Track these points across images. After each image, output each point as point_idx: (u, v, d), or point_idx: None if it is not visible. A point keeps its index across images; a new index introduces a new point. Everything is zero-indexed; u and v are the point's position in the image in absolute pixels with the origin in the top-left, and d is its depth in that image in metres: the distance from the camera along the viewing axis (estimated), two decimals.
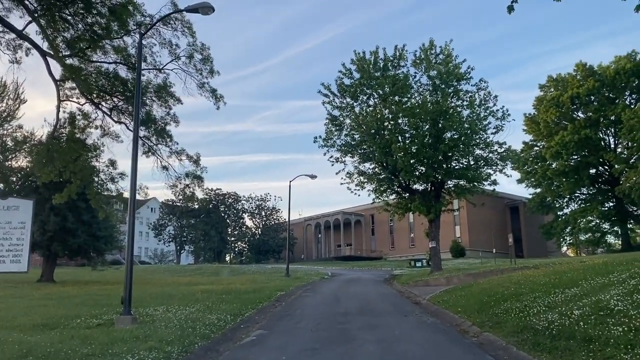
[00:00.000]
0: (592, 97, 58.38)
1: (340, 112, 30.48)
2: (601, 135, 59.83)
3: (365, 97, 29.86)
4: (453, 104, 28.20)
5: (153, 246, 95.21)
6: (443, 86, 27.99)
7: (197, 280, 38.52)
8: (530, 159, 63.76)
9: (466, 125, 27.83)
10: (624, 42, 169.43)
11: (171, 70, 25.37)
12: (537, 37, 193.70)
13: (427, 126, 27.96)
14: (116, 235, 46.27)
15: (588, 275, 13.91)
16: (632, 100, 58.37)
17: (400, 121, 28.80)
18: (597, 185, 62.79)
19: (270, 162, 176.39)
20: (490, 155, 28.23)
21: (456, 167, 28.87)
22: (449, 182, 30.43)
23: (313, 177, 40.91)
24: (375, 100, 29.41)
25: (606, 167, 60.98)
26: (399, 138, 28.22)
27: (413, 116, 27.99)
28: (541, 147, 62.77)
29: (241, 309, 16.34)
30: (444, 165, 28.71)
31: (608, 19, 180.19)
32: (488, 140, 28.84)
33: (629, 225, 59.86)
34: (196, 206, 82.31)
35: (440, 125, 27.80)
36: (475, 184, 28.97)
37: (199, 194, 30.03)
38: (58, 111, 24.20)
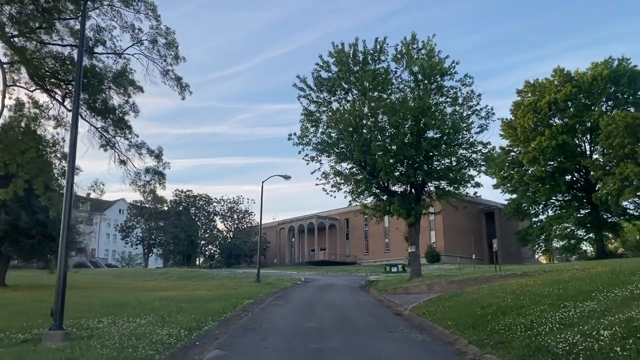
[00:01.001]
0: (570, 103, 57.75)
1: (317, 108, 28.46)
2: (577, 141, 59.24)
3: (343, 92, 27.91)
4: (436, 101, 26.42)
5: (121, 249, 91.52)
6: (426, 82, 26.22)
7: (162, 286, 35.97)
8: (507, 164, 62.79)
9: (449, 124, 26.07)
10: (599, 54, 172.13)
11: (132, 55, 23.02)
12: (518, 46, 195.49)
13: (408, 124, 26.12)
14: (75, 237, 43.00)
15: (599, 285, 12.11)
16: (608, 107, 57.88)
17: (380, 118, 26.90)
18: (572, 192, 62.18)
19: (244, 166, 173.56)
20: (474, 155, 26.54)
21: (438, 168, 27.09)
22: (430, 183, 28.64)
23: (287, 177, 38.79)
24: (354, 95, 27.48)
25: (582, 174, 60.41)
26: (379, 136, 26.30)
27: (394, 113, 26.13)
28: (518, 152, 61.93)
29: (200, 321, 14.09)
30: (425, 166, 26.90)
31: (585, 31, 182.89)
32: (471, 140, 27.17)
33: (604, 233, 59.09)
34: (165, 208, 79.39)
35: (422, 123, 25.99)
36: (457, 186, 27.21)
37: (161, 192, 27.60)
38: (3, 97, 21.61)
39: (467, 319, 12.63)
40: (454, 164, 27.08)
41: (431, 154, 26.34)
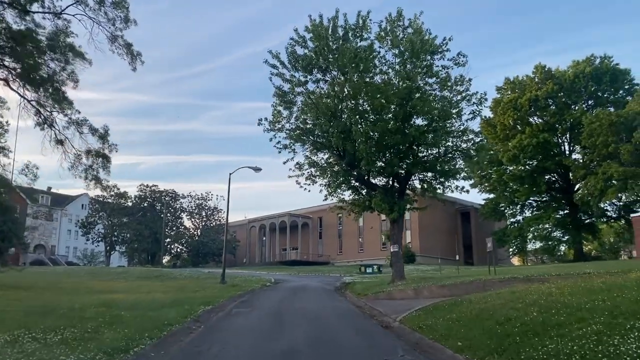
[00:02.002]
0: (551, 101, 55.74)
1: (291, 88, 25.03)
2: (558, 140, 57.26)
3: (320, 72, 24.53)
4: (425, 82, 23.27)
5: (83, 246, 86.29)
6: (414, 60, 23.02)
7: (115, 286, 31.98)
8: (485, 162, 60.46)
9: (438, 108, 22.96)
10: (581, 55, 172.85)
11: (73, 15, 19.30)
12: (497, 49, 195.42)
13: (393, 108, 22.92)
14: (21, 232, 38.55)
15: None
16: (589, 106, 56.00)
17: (361, 102, 23.64)
18: (551, 193, 60.22)
19: (217, 163, 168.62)
20: (465, 145, 23.48)
21: (424, 158, 23.98)
22: (415, 176, 25.54)
23: (257, 169, 35.24)
24: (333, 75, 24.13)
25: (561, 174, 58.48)
26: (360, 121, 23.01)
27: (377, 95, 22.93)
28: (496, 151, 59.65)
29: (132, 339, 10.57)
30: (411, 156, 23.77)
31: (566, 35, 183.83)
32: (462, 128, 24.18)
33: (582, 234, 57.18)
34: (129, 203, 74.78)
35: (408, 106, 22.83)
36: (445, 179, 24.14)
37: (106, 179, 23.75)
38: None
39: (484, 338, 9.46)
40: (442, 154, 24.01)
41: (417, 142, 23.18)
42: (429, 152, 24.14)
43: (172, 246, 79.12)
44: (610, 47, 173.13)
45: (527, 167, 56.02)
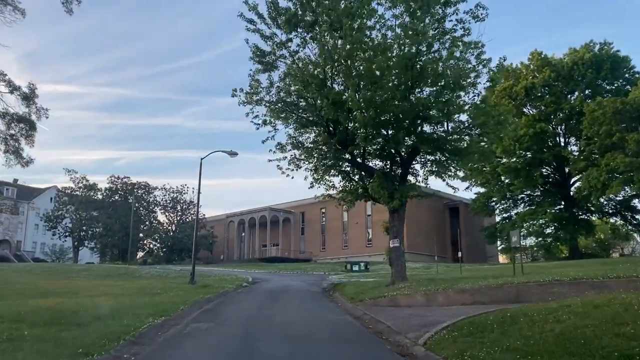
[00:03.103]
0: (547, 89, 51.99)
1: (272, 48, 20.39)
2: (555, 130, 53.51)
3: (307, 29, 19.89)
4: (434, 39, 18.68)
5: (51, 241, 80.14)
6: (419, 13, 18.42)
7: (67, 287, 26.93)
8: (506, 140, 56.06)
9: (449, 75, 18.48)
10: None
11: None
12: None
13: (395, 73, 18.37)
14: None
15: None
16: (586, 95, 52.28)
17: (357, 64, 19.06)
18: (546, 187, 56.49)
19: (198, 159, 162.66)
20: (481, 119, 18.93)
21: (435, 134, 19.51)
22: (418, 158, 21.08)
23: (232, 154, 30.51)
24: (323, 30, 19.49)
25: (557, 166, 54.85)
26: (357, 84, 18.38)
27: (378, 54, 18.36)
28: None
29: None
30: (418, 130, 19.27)
31: (562, 30, 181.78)
32: (477, 100, 19.78)
33: (578, 231, 53.48)
34: (99, 196, 69.21)
35: (415, 70, 18.33)
36: (459, 159, 19.70)
37: (30, 152, 18.91)
38: None
39: None
40: (455, 129, 19.53)
41: (426, 114, 18.66)
42: (438, 127, 19.65)
43: (145, 242, 73.64)
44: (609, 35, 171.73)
45: (522, 159, 52.09)
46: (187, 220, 72.31)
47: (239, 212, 76.61)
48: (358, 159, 21.70)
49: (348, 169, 23.48)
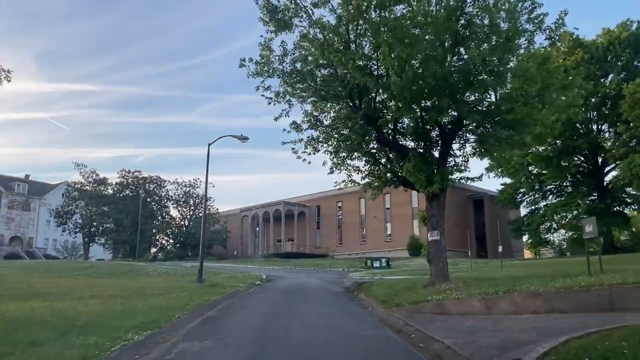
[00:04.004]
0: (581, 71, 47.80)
1: (286, 5, 16.95)
2: (589, 116, 49.34)
3: None
4: None
5: (63, 238, 77.70)
6: None
7: (63, 286, 23.81)
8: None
9: (501, 28, 14.88)
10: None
11: None
12: None
13: (438, 26, 14.76)
14: None
15: None
16: (622, 79, 47.99)
17: (388, 14, 15.46)
18: (577, 176, 52.37)
19: (214, 156, 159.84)
20: (548, 79, 15.28)
21: (484, 102, 15.87)
22: (461, 133, 17.48)
23: (243, 139, 27.29)
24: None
25: (587, 155, 50.72)
26: (390, 44, 14.81)
27: (411, 27, 14.85)
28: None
29: None
30: (462, 99, 15.66)
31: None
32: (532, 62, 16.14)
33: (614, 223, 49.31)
34: (110, 190, 66.49)
35: (462, 21, 14.78)
36: (513, 134, 16.06)
37: None
38: None
39: None
40: (503, 96, 15.84)
41: (476, 77, 15.01)
42: (486, 95, 16.02)
43: (158, 237, 70.78)
44: None
45: (554, 146, 48.00)
46: (200, 215, 69.23)
47: (253, 206, 73.44)
48: (388, 137, 18.20)
49: (374, 150, 20.01)
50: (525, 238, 62.24)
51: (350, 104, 17.87)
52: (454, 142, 17.84)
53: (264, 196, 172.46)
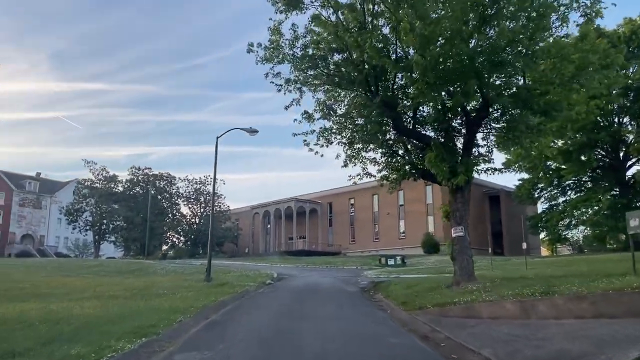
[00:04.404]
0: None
1: None
2: (611, 108, 47.37)
3: None
4: None
5: (75, 236, 77.24)
6: None
7: (64, 286, 22.88)
8: None
9: (533, 3, 13.44)
10: None
11: None
12: None
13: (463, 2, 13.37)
14: None
15: None
16: None
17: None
18: (596, 171, 50.47)
19: (225, 155, 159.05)
20: (587, 58, 13.77)
21: (515, 84, 14.41)
22: (489, 120, 16.04)
23: (252, 132, 26.06)
24: None
25: (607, 149, 48.83)
26: (409, 19, 13.41)
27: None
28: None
29: None
30: (489, 81, 14.25)
31: None
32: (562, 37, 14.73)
33: None
34: (120, 188, 65.75)
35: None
36: (546, 121, 14.61)
37: None
38: None
39: None
40: (536, 78, 14.38)
41: (499, 56, 13.58)
42: (515, 77, 14.57)
43: (168, 235, 69.91)
44: None
45: (575, 139, 46.15)
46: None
47: (264, 203, 72.29)
48: (407, 125, 16.85)
49: (391, 141, 18.66)
50: (542, 235, 60.43)
51: (366, 90, 16.52)
52: (479, 130, 16.42)
53: (276, 194, 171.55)
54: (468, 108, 15.18)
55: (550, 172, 50.54)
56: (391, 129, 17.21)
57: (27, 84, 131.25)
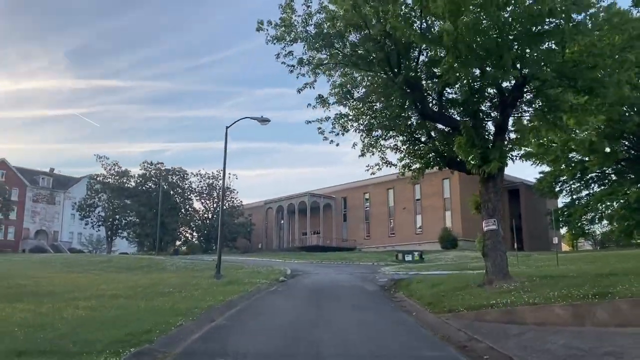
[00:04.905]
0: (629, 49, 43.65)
1: None
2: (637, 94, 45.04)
3: None
4: None
5: (88, 231, 76.43)
6: None
7: (65, 284, 21.62)
8: None
9: None
10: None
11: None
12: None
13: None
14: None
15: None
16: None
17: None
18: (621, 163, 48.17)
19: (241, 150, 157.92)
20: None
21: (558, 55, 12.70)
22: (522, 101, 14.32)
23: (264, 121, 24.58)
24: None
25: (633, 139, 46.51)
26: None
27: None
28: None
29: None
30: (530, 55, 12.55)
31: None
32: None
33: None
34: (133, 183, 64.80)
35: None
36: (591, 98, 12.86)
37: None
38: None
39: None
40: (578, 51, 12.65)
41: (539, 26, 11.86)
42: (557, 51, 12.86)
43: (181, 230, 68.80)
44: None
45: (599, 130, 43.94)
46: (225, 207, 66.89)
47: (277, 198, 70.90)
48: (432, 108, 15.22)
49: (413, 127, 17.05)
50: (563, 230, 58.27)
51: (387, 70, 14.91)
52: (512, 113, 14.71)
53: (290, 190, 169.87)
54: (503, 86, 13.47)
55: (573, 164, 48.41)
56: (414, 113, 15.58)
57: (45, 81, 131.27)
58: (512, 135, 15.63)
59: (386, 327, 10.78)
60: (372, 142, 17.79)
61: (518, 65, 12.42)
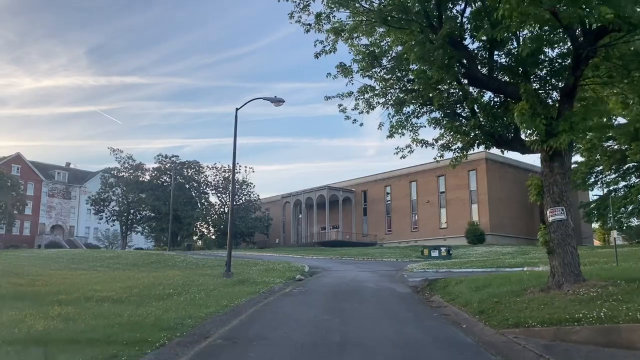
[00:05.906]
0: None
1: None
2: None
3: None
4: None
5: (105, 226, 74.81)
6: None
7: (63, 282, 19.26)
8: None
9: None
10: None
11: None
12: None
13: None
14: None
15: None
16: None
17: None
18: None
19: (259, 145, 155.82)
20: None
21: None
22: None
23: (278, 102, 21.90)
24: None
25: None
26: None
27: None
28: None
29: None
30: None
31: None
32: None
33: None
34: (147, 177, 62.79)
35: None
36: None
37: None
38: None
39: None
40: None
41: None
42: None
43: (198, 225, 66.60)
44: None
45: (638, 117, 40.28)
46: (241, 201, 64.58)
47: (295, 192, 68.25)
48: (480, 71, 12.30)
49: (452, 100, 14.15)
50: (596, 224, 54.75)
51: (425, 24, 12.03)
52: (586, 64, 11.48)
53: (309, 185, 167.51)
54: (578, 32, 10.48)
55: (609, 154, 44.81)
56: (461, 77, 12.67)
57: (66, 78, 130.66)
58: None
59: (433, 348, 7.95)
60: (402, 121, 14.97)
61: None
